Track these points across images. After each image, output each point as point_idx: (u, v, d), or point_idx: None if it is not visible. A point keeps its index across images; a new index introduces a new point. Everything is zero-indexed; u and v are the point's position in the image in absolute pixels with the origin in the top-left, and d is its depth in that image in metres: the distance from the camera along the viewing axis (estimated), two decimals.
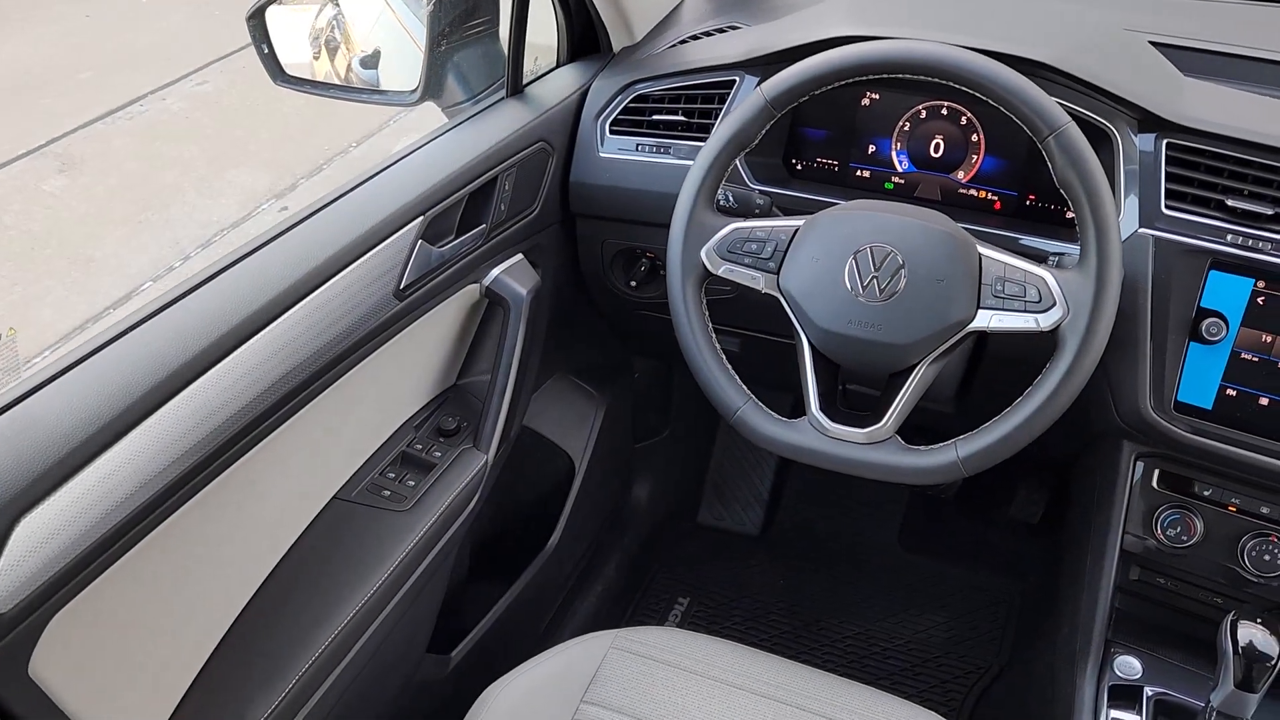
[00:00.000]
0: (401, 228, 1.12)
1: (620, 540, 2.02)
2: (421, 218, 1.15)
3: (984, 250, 1.11)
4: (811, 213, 1.17)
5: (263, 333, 0.97)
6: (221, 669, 1.04)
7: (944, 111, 1.35)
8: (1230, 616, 1.12)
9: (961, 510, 2.13)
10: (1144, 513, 1.28)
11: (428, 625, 1.33)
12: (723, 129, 1.15)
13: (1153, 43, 1.36)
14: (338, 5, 1.71)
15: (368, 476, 1.24)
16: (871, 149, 1.40)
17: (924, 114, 1.36)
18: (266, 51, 1.37)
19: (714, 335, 1.19)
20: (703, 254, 1.17)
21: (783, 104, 1.14)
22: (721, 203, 1.30)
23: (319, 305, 1.03)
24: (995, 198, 1.35)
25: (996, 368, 1.35)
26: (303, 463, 1.12)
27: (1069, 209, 1.26)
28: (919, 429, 1.24)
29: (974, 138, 1.34)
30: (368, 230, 1.08)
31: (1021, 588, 1.98)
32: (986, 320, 1.08)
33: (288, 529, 1.14)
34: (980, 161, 1.35)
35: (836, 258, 1.12)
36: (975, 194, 1.36)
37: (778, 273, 1.15)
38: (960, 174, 1.36)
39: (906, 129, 1.37)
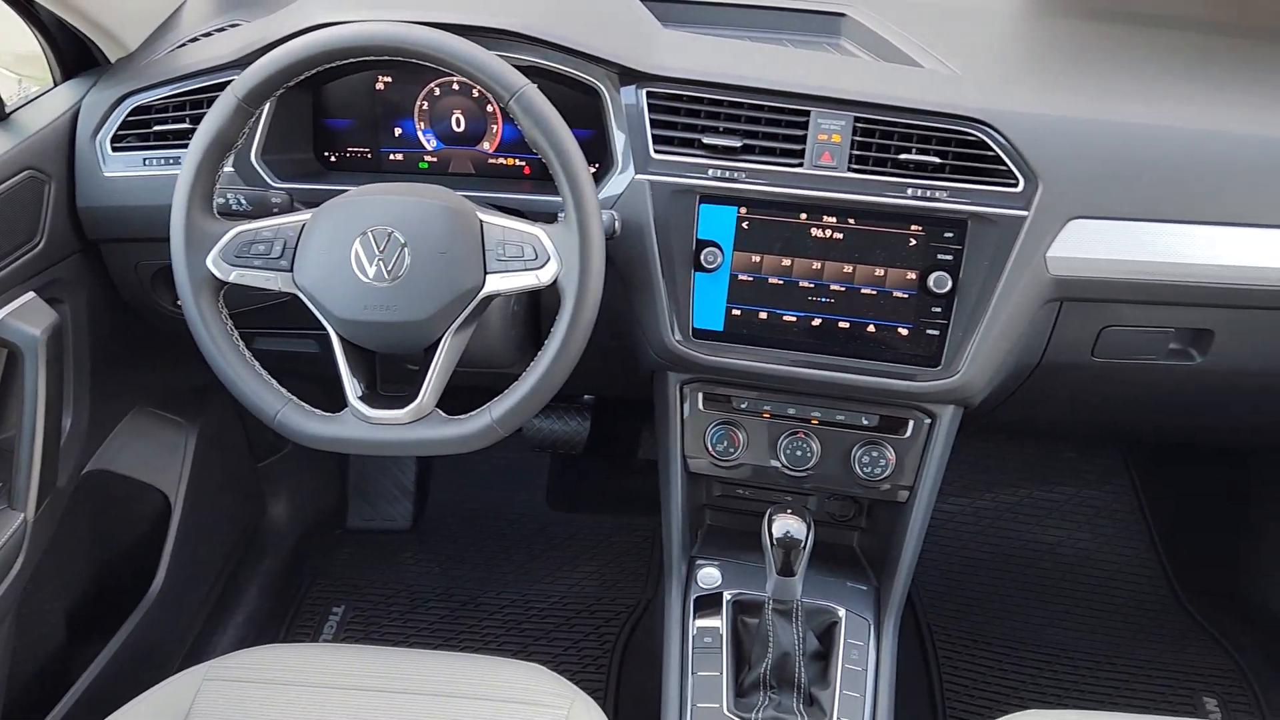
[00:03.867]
0: None
1: (260, 563, 1.96)
2: None
3: (484, 217, 1.14)
4: None
5: None
6: None
7: (456, 87, 1.38)
8: (768, 512, 1.24)
9: (599, 460, 2.22)
10: (698, 433, 1.38)
11: None
12: (200, 133, 1.12)
13: None
14: None
15: None
16: (398, 132, 1.41)
17: (438, 91, 1.38)
18: None
19: (240, 342, 1.16)
20: (209, 263, 1.13)
21: (256, 99, 1.11)
22: (234, 206, 1.27)
23: None
24: (523, 163, 1.40)
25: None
26: None
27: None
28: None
29: (489, 109, 1.38)
30: None
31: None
32: (496, 284, 1.12)
33: None
34: (501, 131, 1.39)
35: (342, 246, 1.12)
36: (504, 162, 1.41)
37: (292, 270, 1.14)
38: (486, 145, 1.40)
39: (426, 108, 1.39)
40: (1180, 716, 1.74)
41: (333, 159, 1.42)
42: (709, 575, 1.40)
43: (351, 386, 1.15)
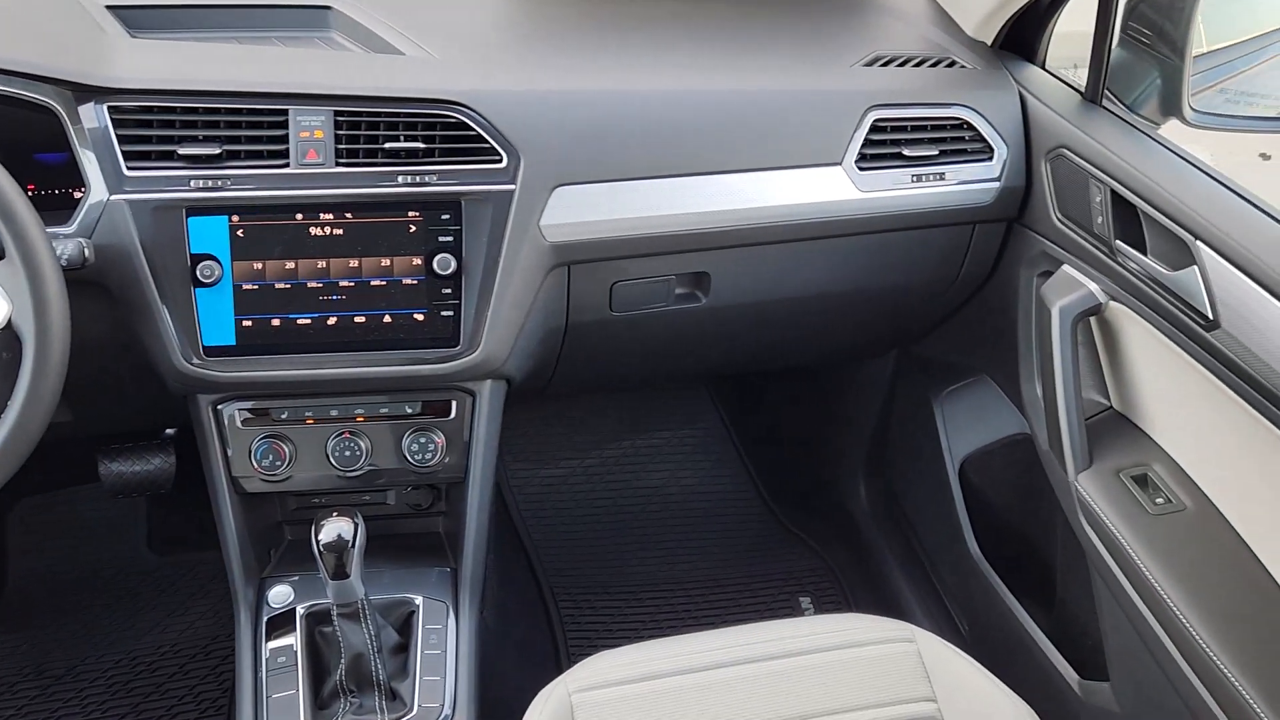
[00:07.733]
0: None
1: None
2: None
3: None
4: None
5: None
6: None
7: None
8: (315, 519, 1.21)
9: (196, 491, 2.10)
10: (243, 452, 1.33)
11: None
12: None
13: (109, 6, 1.36)
14: None
15: None
16: None
17: None
18: None
19: None
20: None
21: None
22: None
23: None
24: None
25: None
26: None
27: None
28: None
29: None
30: None
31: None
32: None
33: None
34: None
35: None
36: None
37: None
38: None
39: None
40: (774, 620, 1.91)
41: None
42: (279, 594, 1.36)
43: None
